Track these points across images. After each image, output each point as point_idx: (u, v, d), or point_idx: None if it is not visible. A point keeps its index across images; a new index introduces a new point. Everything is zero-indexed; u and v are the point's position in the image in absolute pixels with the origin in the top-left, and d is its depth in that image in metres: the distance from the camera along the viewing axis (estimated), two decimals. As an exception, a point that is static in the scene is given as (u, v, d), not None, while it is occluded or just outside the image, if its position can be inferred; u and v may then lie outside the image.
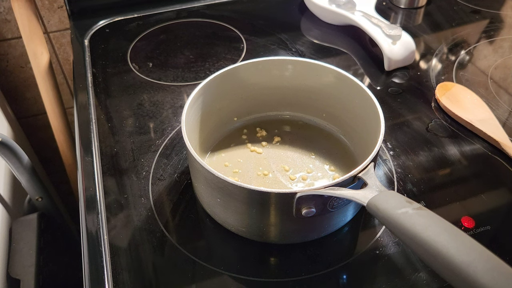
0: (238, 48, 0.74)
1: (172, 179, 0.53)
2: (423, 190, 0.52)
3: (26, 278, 0.57)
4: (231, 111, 0.56)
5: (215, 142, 0.55)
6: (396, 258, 0.45)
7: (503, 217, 0.50)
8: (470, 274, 0.27)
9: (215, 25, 0.80)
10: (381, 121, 0.45)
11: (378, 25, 0.70)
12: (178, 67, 0.71)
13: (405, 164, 0.55)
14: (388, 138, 0.58)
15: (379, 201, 0.35)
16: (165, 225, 0.48)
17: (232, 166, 0.53)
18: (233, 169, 0.52)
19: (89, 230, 0.48)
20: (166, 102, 0.64)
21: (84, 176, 0.53)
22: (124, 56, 0.73)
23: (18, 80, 0.92)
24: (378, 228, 0.48)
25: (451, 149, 0.56)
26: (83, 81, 0.68)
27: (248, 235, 0.46)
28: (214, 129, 0.55)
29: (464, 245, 0.29)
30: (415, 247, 0.31)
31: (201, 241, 0.48)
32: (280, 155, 0.54)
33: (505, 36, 0.78)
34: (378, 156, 0.47)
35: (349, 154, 0.54)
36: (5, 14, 0.82)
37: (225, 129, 0.57)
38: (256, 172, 0.52)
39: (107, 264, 0.45)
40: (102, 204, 0.50)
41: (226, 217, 0.46)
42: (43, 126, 0.99)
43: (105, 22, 0.80)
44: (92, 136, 0.58)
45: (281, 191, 0.39)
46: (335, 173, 0.52)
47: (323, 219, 0.45)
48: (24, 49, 0.84)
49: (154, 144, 0.58)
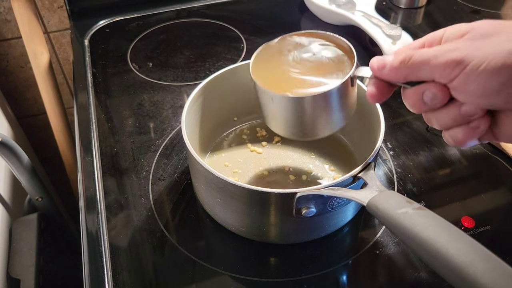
0: (238, 48, 0.74)
1: (172, 179, 0.53)
2: (423, 190, 0.52)
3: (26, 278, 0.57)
4: (231, 111, 0.56)
5: (215, 142, 0.55)
6: (396, 258, 0.45)
7: (503, 217, 0.50)
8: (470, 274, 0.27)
9: (215, 25, 0.80)
10: (381, 121, 0.45)
11: (378, 25, 0.70)
12: (178, 67, 0.71)
13: (405, 164, 0.55)
14: (388, 138, 0.58)
15: (379, 201, 0.35)
16: (165, 225, 0.48)
17: (232, 166, 0.53)
18: (233, 169, 0.52)
19: (89, 230, 0.48)
20: (166, 102, 0.64)
21: (84, 176, 0.53)
22: (124, 56, 0.73)
23: (18, 80, 0.92)
24: (378, 228, 0.48)
25: (451, 149, 0.56)
26: (83, 81, 0.68)
27: (248, 235, 0.46)
28: (214, 129, 0.55)
29: (464, 245, 0.29)
30: (415, 247, 0.31)
31: (201, 241, 0.48)
32: (280, 155, 0.54)
33: (505, 36, 0.78)
34: (378, 156, 0.47)
35: (349, 154, 0.54)
36: (5, 14, 0.82)
37: (225, 129, 0.57)
38: (256, 172, 0.52)
39: (107, 264, 0.45)
40: (102, 204, 0.50)
41: (226, 217, 0.46)
42: (43, 126, 0.99)
43: (105, 22, 0.80)
44: (92, 136, 0.58)
45: (281, 191, 0.39)
46: (335, 173, 0.51)
47: (323, 219, 0.45)
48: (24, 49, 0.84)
49: (154, 144, 0.58)
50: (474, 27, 0.30)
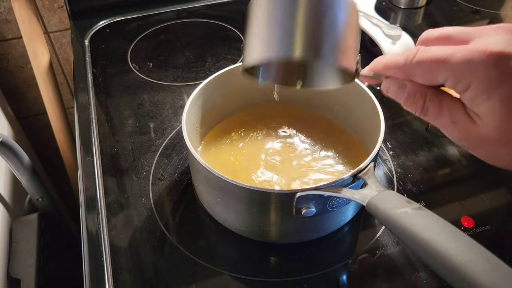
0: (238, 48, 0.74)
1: (172, 179, 0.53)
2: (423, 190, 0.52)
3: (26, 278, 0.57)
4: (232, 110, 0.56)
5: (215, 142, 0.55)
6: (396, 258, 0.46)
7: (502, 217, 0.50)
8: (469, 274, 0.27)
9: (215, 25, 0.80)
10: (381, 121, 0.45)
11: (377, 25, 0.70)
12: (178, 67, 0.71)
13: (405, 164, 0.55)
14: (388, 138, 0.58)
15: (378, 201, 0.35)
16: (165, 225, 0.49)
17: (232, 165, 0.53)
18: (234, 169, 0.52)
19: (89, 230, 0.48)
20: (166, 102, 0.64)
21: (84, 176, 0.54)
22: (124, 56, 0.73)
23: (19, 80, 0.92)
24: (378, 228, 0.48)
25: (451, 149, 0.56)
26: (83, 81, 0.68)
27: (248, 235, 0.47)
28: (214, 128, 0.55)
29: (463, 245, 0.29)
30: (415, 247, 0.31)
31: (201, 240, 0.48)
32: (281, 155, 0.54)
33: (505, 36, 0.78)
34: (378, 156, 0.47)
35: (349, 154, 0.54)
36: (6, 14, 0.82)
37: (226, 129, 0.57)
38: (256, 171, 0.52)
39: (107, 264, 0.45)
40: (102, 204, 0.50)
41: (226, 216, 0.46)
42: (44, 126, 0.99)
43: (105, 22, 0.80)
44: (92, 136, 0.59)
45: (281, 191, 0.39)
46: (336, 173, 0.52)
47: (323, 219, 0.45)
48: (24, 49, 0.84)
49: (154, 144, 0.58)
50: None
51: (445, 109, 0.30)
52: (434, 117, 0.31)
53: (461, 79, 0.28)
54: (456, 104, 0.30)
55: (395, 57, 0.32)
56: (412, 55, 0.30)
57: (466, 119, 0.29)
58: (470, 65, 0.27)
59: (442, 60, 0.28)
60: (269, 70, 0.39)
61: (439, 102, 0.31)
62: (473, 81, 0.27)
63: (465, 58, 0.27)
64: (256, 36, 0.34)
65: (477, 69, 0.27)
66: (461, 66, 0.27)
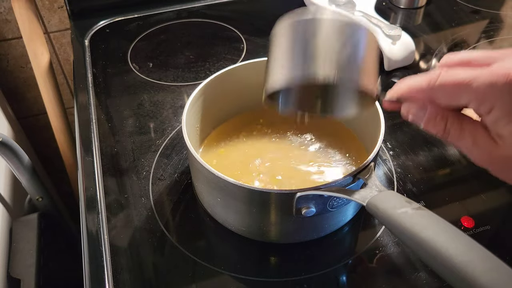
0: (238, 48, 0.74)
1: (172, 179, 0.53)
2: (423, 190, 0.52)
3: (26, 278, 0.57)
4: (232, 111, 0.56)
5: (215, 142, 0.55)
6: (396, 258, 0.46)
7: (502, 217, 0.50)
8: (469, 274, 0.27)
9: (215, 25, 0.80)
10: (381, 121, 0.45)
11: (377, 25, 0.70)
12: (178, 67, 0.71)
13: (405, 164, 0.55)
14: (388, 138, 0.58)
15: (378, 201, 0.35)
16: (165, 225, 0.49)
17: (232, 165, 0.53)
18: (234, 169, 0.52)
19: (89, 230, 0.48)
20: (166, 102, 0.64)
21: (84, 176, 0.54)
22: (124, 56, 0.73)
23: (19, 80, 0.92)
24: (378, 228, 0.48)
25: (451, 149, 0.56)
26: (83, 81, 0.68)
27: (248, 235, 0.47)
28: (214, 128, 0.55)
29: (463, 245, 0.29)
30: (415, 247, 0.31)
31: (201, 240, 0.48)
32: (281, 155, 0.54)
33: (504, 36, 0.78)
34: (378, 156, 0.47)
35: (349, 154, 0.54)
36: (6, 14, 0.82)
37: (226, 129, 0.57)
38: (256, 171, 0.52)
39: (107, 264, 0.45)
40: (102, 204, 0.50)
41: (226, 216, 0.46)
42: (44, 126, 0.99)
43: (105, 22, 0.80)
44: (92, 136, 0.59)
45: (281, 191, 0.39)
46: (335, 173, 0.52)
47: (323, 219, 0.45)
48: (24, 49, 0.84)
49: (154, 144, 0.58)
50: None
51: (467, 131, 0.31)
52: (455, 139, 0.32)
53: (484, 102, 0.28)
54: (477, 126, 0.30)
55: (418, 79, 0.32)
56: (434, 78, 0.30)
57: (488, 141, 0.30)
58: (494, 88, 0.27)
59: (466, 83, 0.29)
60: (290, 96, 0.40)
61: (460, 124, 0.31)
62: (496, 104, 0.28)
63: (489, 81, 0.28)
64: (278, 63, 0.35)
65: (501, 92, 0.27)
66: (484, 89, 0.28)
